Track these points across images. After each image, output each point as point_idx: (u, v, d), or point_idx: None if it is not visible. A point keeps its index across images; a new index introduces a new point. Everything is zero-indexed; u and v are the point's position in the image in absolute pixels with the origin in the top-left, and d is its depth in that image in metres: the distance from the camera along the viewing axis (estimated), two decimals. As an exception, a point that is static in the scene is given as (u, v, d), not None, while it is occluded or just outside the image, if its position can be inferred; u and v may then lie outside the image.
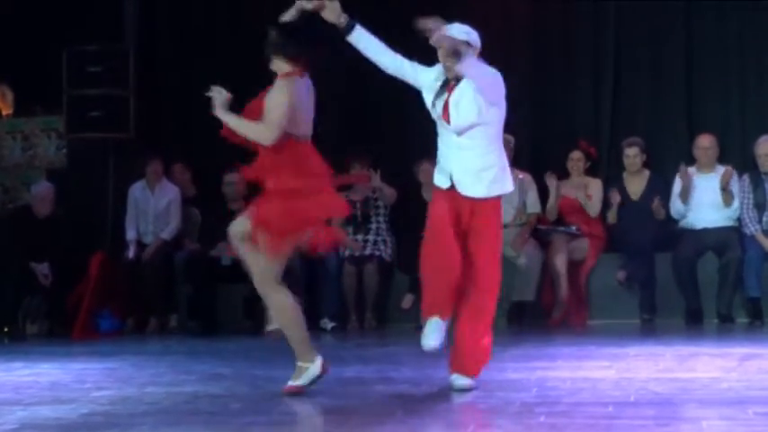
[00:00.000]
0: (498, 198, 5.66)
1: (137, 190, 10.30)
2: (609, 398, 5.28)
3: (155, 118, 10.82)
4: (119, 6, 10.98)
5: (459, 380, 5.54)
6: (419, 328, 9.37)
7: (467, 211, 5.58)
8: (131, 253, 10.09)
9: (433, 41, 5.45)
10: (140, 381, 6.33)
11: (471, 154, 5.56)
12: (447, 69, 5.58)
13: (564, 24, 10.72)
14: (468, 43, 5.53)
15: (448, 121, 5.59)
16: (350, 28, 5.62)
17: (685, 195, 9.55)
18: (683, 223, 9.71)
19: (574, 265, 9.70)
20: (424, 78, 5.67)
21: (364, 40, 5.67)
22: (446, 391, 5.61)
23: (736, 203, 9.49)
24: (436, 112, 5.63)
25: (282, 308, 5.57)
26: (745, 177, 9.56)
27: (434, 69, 5.68)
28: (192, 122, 10.77)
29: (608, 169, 10.34)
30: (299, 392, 5.50)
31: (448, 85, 5.62)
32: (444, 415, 4.96)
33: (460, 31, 5.56)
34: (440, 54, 5.56)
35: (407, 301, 9.84)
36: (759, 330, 8.80)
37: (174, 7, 11.23)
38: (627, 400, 5.21)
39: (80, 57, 10.41)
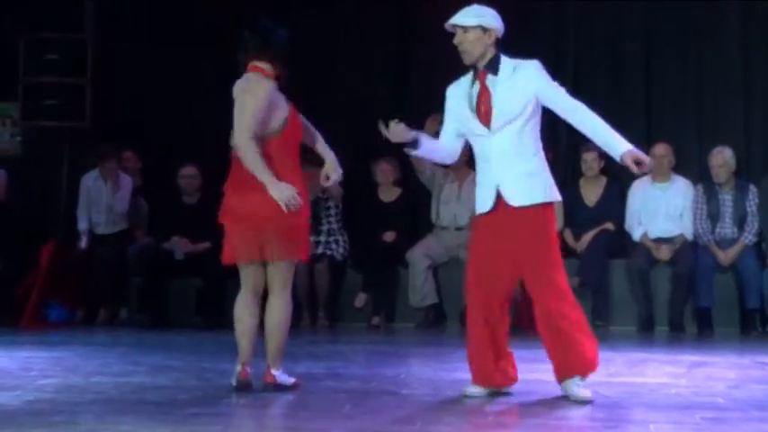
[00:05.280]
0: (551, 205, 5.32)
1: (89, 180, 10.20)
2: (558, 399, 5.29)
3: (111, 108, 10.72)
4: (78, -5, 10.89)
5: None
6: (371, 327, 9.51)
7: (514, 224, 5.23)
8: (84, 243, 9.99)
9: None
10: (87, 370, 6.27)
11: (519, 159, 5.24)
12: (464, 54, 5.29)
13: (523, 30, 10.72)
14: (482, 27, 5.29)
15: (487, 123, 5.25)
16: (416, 143, 5.41)
17: None
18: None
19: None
20: (452, 106, 5.40)
21: (428, 149, 5.50)
22: (395, 388, 5.59)
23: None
24: (472, 117, 5.28)
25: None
26: (699, 188, 9.61)
27: (448, 95, 5.43)
28: (148, 114, 10.72)
29: (564, 174, 10.35)
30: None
31: (477, 73, 5.32)
32: (392, 411, 4.93)
33: (470, 15, 5.31)
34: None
35: (360, 299, 9.85)
36: (709, 339, 8.85)
37: (133, -2, 11.16)
38: (576, 402, 5.21)
39: (38, 44, 10.28)
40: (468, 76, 5.41)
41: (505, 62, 5.35)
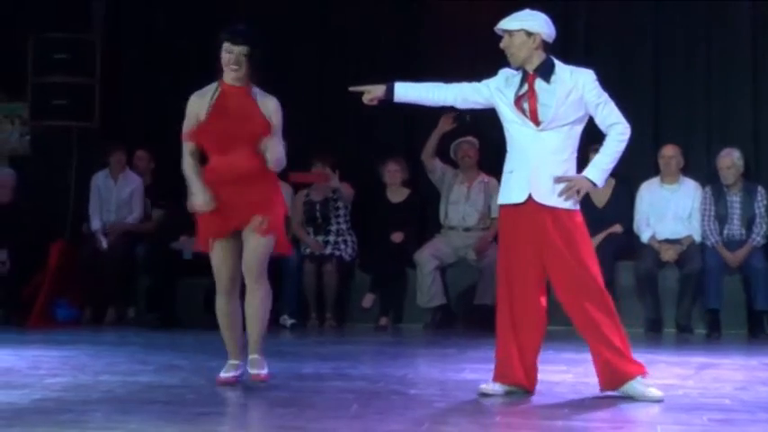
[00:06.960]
0: (579, 212, 5.37)
1: (99, 179, 10.21)
2: (565, 401, 5.29)
3: (119, 108, 10.74)
4: (86, -5, 10.91)
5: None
6: (379, 328, 9.52)
7: (548, 224, 5.29)
8: (104, 243, 9.96)
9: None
10: (95, 369, 6.29)
11: (557, 158, 5.29)
12: (510, 57, 5.35)
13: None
14: (526, 32, 5.32)
15: (536, 120, 5.28)
16: (391, 91, 5.46)
17: None
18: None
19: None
20: (492, 88, 5.42)
21: (411, 94, 5.50)
22: (402, 389, 5.59)
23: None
24: (520, 112, 5.31)
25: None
26: (708, 189, 9.60)
27: (500, 75, 5.46)
28: (157, 114, 10.71)
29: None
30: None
31: (527, 77, 5.34)
32: (400, 411, 4.93)
33: (515, 19, 5.36)
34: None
35: (368, 300, 9.84)
36: (717, 342, 8.83)
37: (141, -3, 11.18)
38: (583, 404, 5.22)
39: (46, 44, 10.31)
40: (519, 76, 5.40)
41: (560, 67, 5.39)
